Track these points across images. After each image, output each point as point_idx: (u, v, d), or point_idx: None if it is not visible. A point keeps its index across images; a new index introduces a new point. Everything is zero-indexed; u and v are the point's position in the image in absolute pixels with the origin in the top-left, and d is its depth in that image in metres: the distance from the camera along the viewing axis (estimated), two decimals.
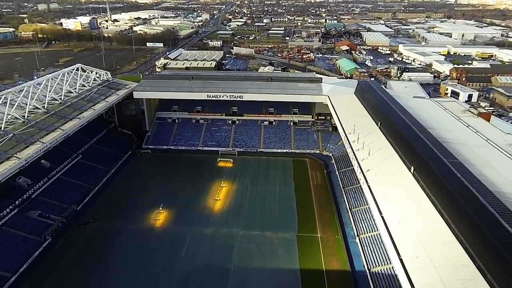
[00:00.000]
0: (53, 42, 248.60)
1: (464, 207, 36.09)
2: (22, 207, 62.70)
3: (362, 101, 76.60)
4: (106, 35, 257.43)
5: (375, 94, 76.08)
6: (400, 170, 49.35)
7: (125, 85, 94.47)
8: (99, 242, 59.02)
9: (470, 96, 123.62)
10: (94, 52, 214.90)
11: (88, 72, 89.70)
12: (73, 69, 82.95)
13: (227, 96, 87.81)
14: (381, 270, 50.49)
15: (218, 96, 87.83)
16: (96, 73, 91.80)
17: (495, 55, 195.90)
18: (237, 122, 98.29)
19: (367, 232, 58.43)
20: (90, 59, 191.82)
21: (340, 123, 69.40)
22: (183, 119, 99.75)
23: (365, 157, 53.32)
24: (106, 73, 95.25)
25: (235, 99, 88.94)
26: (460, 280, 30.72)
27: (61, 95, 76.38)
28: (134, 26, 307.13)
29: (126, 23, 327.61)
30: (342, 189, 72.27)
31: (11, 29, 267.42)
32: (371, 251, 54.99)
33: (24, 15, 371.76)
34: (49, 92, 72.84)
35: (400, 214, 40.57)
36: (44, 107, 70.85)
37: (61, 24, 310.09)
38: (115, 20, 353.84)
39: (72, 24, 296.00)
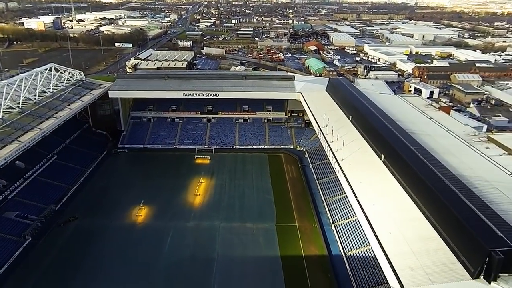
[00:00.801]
0: (14, 42, 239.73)
1: (430, 187, 40.11)
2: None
3: (334, 97, 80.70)
4: (71, 35, 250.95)
5: (346, 90, 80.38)
6: (371, 158, 53.32)
7: (99, 84, 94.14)
8: (81, 239, 59.33)
9: (431, 93, 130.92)
10: (60, 52, 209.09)
11: (61, 72, 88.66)
12: (46, 69, 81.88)
13: (203, 95, 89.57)
14: (355, 253, 54.18)
15: (194, 95, 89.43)
16: (69, 72, 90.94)
17: (453, 54, 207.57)
18: (212, 120, 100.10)
19: (342, 220, 62.08)
20: (57, 59, 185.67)
21: (314, 117, 73.03)
22: (159, 118, 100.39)
23: (339, 148, 56.98)
24: (80, 73, 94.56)
25: (211, 97, 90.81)
26: (428, 250, 34.47)
27: (35, 94, 75.57)
28: (101, 26, 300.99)
29: (92, 23, 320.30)
30: (317, 181, 75.85)
31: None
32: (346, 236, 58.65)
33: None
34: (23, 91, 71.87)
35: (374, 196, 44.26)
36: (19, 106, 69.97)
37: (22, 23, 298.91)
38: (80, 20, 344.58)
39: (35, 23, 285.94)
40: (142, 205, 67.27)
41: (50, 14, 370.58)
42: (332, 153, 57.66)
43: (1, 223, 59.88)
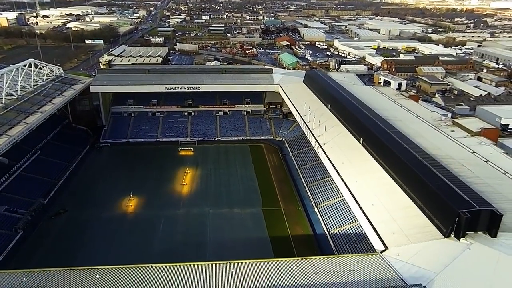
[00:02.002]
0: None
1: (406, 163, 44.90)
2: None
3: (311, 88, 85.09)
4: (38, 31, 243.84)
5: (323, 82, 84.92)
6: (351, 142, 57.95)
7: (78, 80, 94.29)
8: (74, 230, 60.55)
9: (399, 85, 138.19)
10: (27, 49, 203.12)
11: (40, 68, 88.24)
12: (26, 64, 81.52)
13: (185, 88, 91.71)
14: (338, 231, 58.45)
15: (176, 88, 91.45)
16: (48, 68, 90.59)
17: (418, 48, 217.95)
18: (193, 113, 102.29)
19: (324, 202, 66.31)
20: (25, 57, 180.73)
21: (295, 107, 77.06)
22: (139, 113, 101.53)
23: (321, 134, 61.21)
24: (59, 68, 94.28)
25: (193, 90, 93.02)
26: (406, 217, 39.13)
27: (17, 90, 75.37)
28: (68, 22, 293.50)
29: (58, 19, 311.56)
30: (298, 169, 79.96)
31: None
32: (328, 217, 62.87)
33: None
34: (5, 87, 71.73)
35: (355, 174, 48.71)
36: (1, 102, 69.89)
37: None
38: (45, 16, 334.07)
39: None
40: (131, 195, 68.98)
41: (11, 10, 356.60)
42: (315, 138, 61.86)
43: None
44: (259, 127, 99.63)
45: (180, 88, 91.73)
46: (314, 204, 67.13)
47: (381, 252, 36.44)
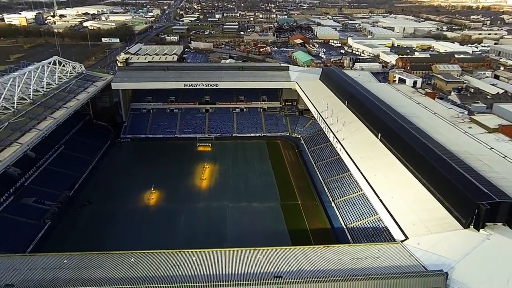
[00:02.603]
0: None
1: (425, 157, 45.85)
2: (17, 195, 64.87)
3: (328, 85, 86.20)
4: (56, 30, 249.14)
5: (340, 78, 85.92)
6: (369, 137, 58.99)
7: (99, 77, 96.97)
8: (99, 221, 62.85)
9: (415, 82, 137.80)
10: (46, 48, 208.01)
11: (63, 65, 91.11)
12: (51, 62, 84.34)
13: (203, 85, 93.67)
14: (355, 225, 59.45)
15: (195, 85, 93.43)
16: (71, 65, 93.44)
17: (433, 46, 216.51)
18: (210, 110, 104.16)
19: (341, 197, 67.37)
20: (44, 55, 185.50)
21: (312, 103, 78.29)
22: (158, 109, 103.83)
23: (339, 129, 62.38)
24: (80, 66, 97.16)
25: (211, 87, 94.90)
26: (425, 209, 40.20)
27: (43, 86, 78.19)
28: (84, 21, 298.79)
29: (74, 18, 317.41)
30: (314, 165, 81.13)
31: None
32: (346, 212, 63.87)
33: None
34: (32, 83, 74.54)
35: (374, 168, 49.82)
36: (30, 97, 72.69)
37: (2, 19, 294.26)
38: (62, 16, 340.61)
39: (16, 19, 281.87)
40: (153, 189, 71.05)
41: (29, 10, 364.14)
42: (333, 134, 63.08)
43: (21, 209, 62.99)
44: (275, 124, 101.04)
45: (199, 85, 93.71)
46: (331, 199, 68.21)
47: (402, 241, 37.64)
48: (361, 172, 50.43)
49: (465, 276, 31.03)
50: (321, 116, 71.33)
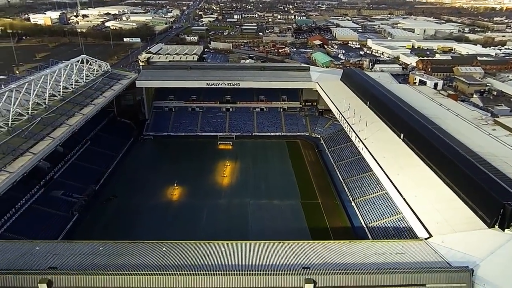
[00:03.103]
0: (23, 37, 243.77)
1: (449, 157, 46.12)
2: (47, 188, 67.53)
3: (349, 85, 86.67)
4: (79, 30, 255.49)
5: (362, 79, 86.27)
6: (391, 137, 59.43)
7: (124, 75, 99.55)
8: (125, 214, 64.81)
9: (435, 85, 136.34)
10: (70, 47, 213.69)
11: (90, 63, 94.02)
12: (79, 60, 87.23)
13: (225, 84, 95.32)
14: (376, 224, 59.84)
15: (217, 84, 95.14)
16: (98, 64, 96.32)
17: (455, 48, 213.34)
18: (231, 109, 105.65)
19: (361, 197, 67.79)
20: (68, 54, 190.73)
21: (333, 103, 78.94)
22: (180, 108, 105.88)
23: (361, 129, 62.93)
24: (106, 64, 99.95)
25: (232, 86, 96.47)
26: (449, 208, 40.56)
27: (72, 84, 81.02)
28: (106, 21, 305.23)
29: (97, 18, 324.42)
30: (334, 164, 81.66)
31: None
32: (366, 211, 64.26)
33: None
34: (62, 81, 77.35)
35: (397, 168, 50.29)
36: (60, 94, 75.49)
37: (28, 19, 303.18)
38: (84, 16, 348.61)
39: (42, 19, 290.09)
40: (175, 185, 72.80)
41: (52, 10, 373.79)
42: (355, 133, 63.67)
43: (50, 201, 65.57)
44: (295, 123, 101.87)
45: (221, 84, 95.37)
46: (351, 199, 68.70)
47: (426, 239, 38.09)
48: (384, 171, 50.93)
49: (490, 274, 31.33)
50: (343, 116, 71.92)
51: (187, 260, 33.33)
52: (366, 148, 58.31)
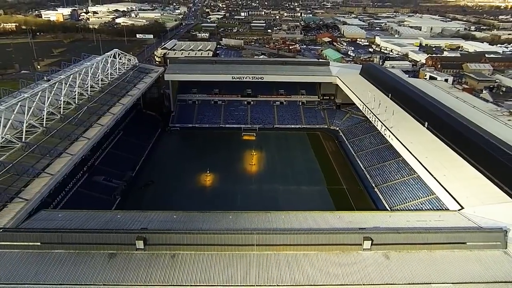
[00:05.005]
0: (37, 34, 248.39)
1: (474, 141, 50.84)
2: (89, 173, 72.24)
3: (369, 79, 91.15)
4: (91, 26, 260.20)
5: (382, 73, 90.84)
6: (415, 126, 64.09)
7: (151, 69, 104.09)
8: (164, 198, 69.30)
9: (446, 80, 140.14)
10: (85, 43, 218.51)
11: (120, 57, 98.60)
12: (111, 54, 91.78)
13: (249, 78, 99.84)
14: (400, 207, 64.15)
15: (242, 78, 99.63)
16: (127, 58, 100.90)
17: (462, 46, 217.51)
18: (252, 102, 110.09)
19: (383, 183, 72.27)
20: (84, 49, 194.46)
21: (356, 96, 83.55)
22: (203, 101, 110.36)
23: (387, 118, 67.53)
24: (134, 58, 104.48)
25: (256, 80, 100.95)
26: (476, 185, 45.23)
27: (108, 76, 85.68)
28: (116, 18, 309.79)
29: (107, 15, 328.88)
30: (354, 154, 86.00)
31: None
32: (389, 196, 68.65)
33: None
34: (99, 73, 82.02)
35: (424, 152, 54.96)
36: (98, 86, 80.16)
37: (39, 15, 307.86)
38: (94, 12, 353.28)
39: (54, 15, 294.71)
40: (208, 172, 77.34)
41: (61, 6, 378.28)
42: (381, 122, 68.22)
43: (93, 185, 70.14)
44: (314, 116, 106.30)
45: (245, 78, 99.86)
46: (373, 185, 73.11)
47: (458, 210, 42.65)
48: (413, 155, 55.59)
49: None
50: (367, 107, 76.46)
51: (254, 225, 37.88)
52: (394, 136, 62.90)
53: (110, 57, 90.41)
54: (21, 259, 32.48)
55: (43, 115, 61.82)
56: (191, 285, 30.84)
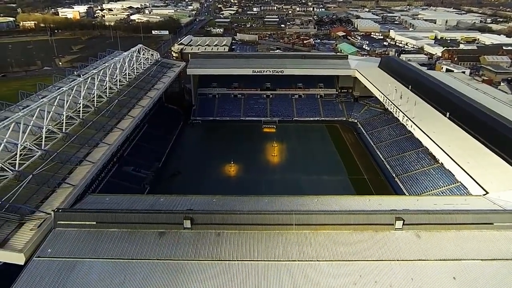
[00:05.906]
0: (55, 31, 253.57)
1: (497, 129, 52.35)
2: (119, 164, 75.33)
3: (389, 72, 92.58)
4: (107, 23, 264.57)
5: (402, 66, 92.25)
6: (437, 116, 65.71)
7: (173, 64, 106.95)
8: (191, 187, 71.78)
9: (463, 73, 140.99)
10: (102, 39, 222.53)
11: (143, 53, 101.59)
12: (136, 50, 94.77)
13: (270, 71, 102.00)
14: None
15: (263, 71, 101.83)
16: (150, 53, 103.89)
17: (478, 38, 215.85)
18: (271, 96, 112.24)
19: (404, 173, 73.97)
20: (102, 46, 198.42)
21: (376, 88, 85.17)
22: (223, 94, 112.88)
23: (408, 109, 69.16)
24: (157, 54, 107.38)
25: (277, 73, 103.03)
26: (500, 173, 46.88)
27: (134, 71, 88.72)
28: (131, 15, 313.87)
29: (121, 12, 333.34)
30: (374, 145, 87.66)
31: (11, 19, 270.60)
32: (410, 185, 70.40)
33: (13, 5, 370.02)
34: (126, 67, 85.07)
35: (447, 141, 56.64)
36: (126, 80, 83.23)
37: (56, 13, 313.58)
38: (109, 9, 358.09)
39: (70, 13, 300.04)
40: (232, 162, 79.91)
41: (76, 4, 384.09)
42: (403, 113, 69.90)
43: (123, 175, 73.13)
44: (332, 109, 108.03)
45: (266, 72, 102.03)
46: (394, 175, 74.82)
47: (483, 195, 44.40)
48: (436, 144, 57.26)
49: None
50: (388, 99, 78.06)
51: (291, 207, 40.29)
52: (416, 126, 64.57)
53: (135, 52, 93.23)
54: (79, 237, 35.48)
55: (79, 108, 64.93)
56: (236, 260, 33.48)
